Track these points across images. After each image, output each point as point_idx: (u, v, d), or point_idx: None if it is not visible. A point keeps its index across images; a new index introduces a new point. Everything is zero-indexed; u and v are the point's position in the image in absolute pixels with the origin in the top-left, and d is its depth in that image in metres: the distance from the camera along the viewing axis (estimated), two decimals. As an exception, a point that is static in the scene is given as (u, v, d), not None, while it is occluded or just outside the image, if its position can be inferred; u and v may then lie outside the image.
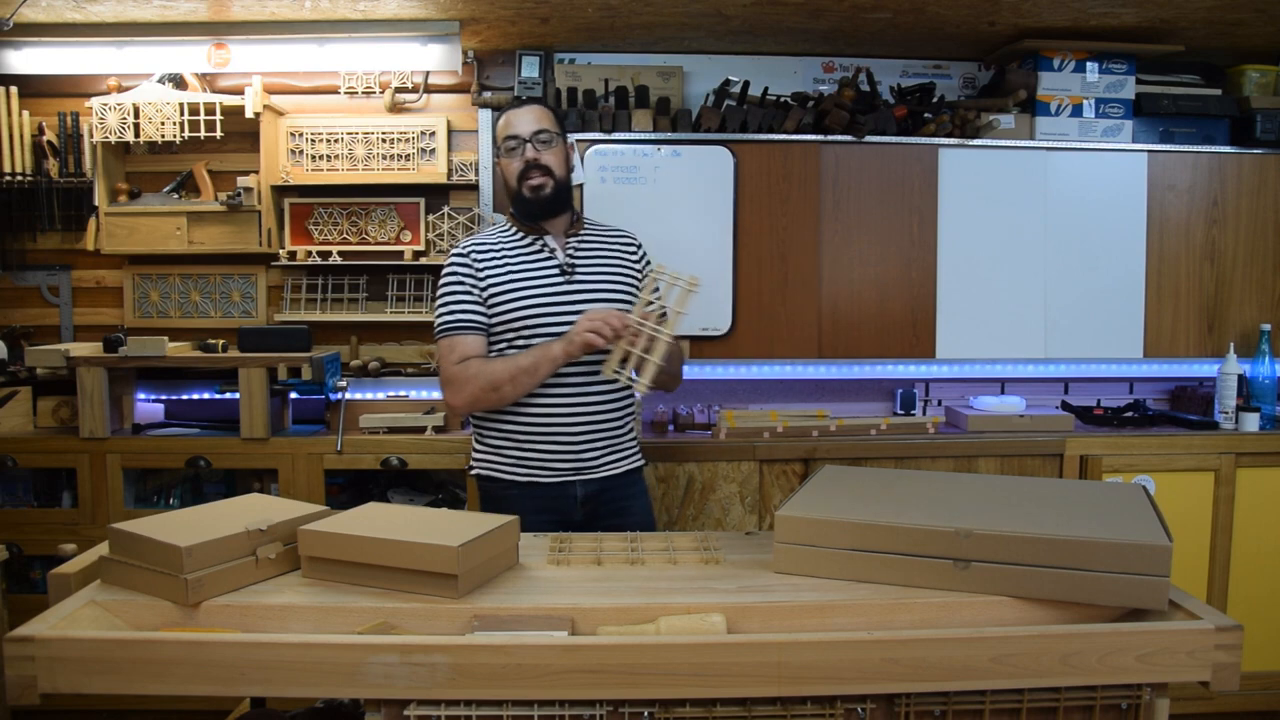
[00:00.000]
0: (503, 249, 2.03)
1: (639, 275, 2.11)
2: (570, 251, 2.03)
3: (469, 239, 2.09)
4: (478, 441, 2.07)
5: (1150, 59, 3.07)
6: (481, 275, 2.00)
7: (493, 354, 2.00)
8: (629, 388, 1.92)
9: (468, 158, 3.17)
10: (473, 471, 2.09)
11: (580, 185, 2.87)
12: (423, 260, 3.12)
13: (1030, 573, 1.37)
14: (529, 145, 1.99)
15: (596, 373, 1.92)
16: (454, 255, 2.04)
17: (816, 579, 1.46)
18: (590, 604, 1.36)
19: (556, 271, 2.01)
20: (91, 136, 3.01)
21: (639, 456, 2.14)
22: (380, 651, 1.19)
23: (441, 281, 2.03)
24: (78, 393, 2.77)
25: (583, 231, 2.09)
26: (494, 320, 1.99)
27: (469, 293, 1.99)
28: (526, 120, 2.01)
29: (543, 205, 2.01)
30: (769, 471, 2.77)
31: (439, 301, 2.02)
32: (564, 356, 1.89)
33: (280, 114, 3.11)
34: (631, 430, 2.12)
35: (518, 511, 1.96)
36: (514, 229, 2.07)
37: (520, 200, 2.02)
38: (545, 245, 2.03)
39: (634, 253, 2.14)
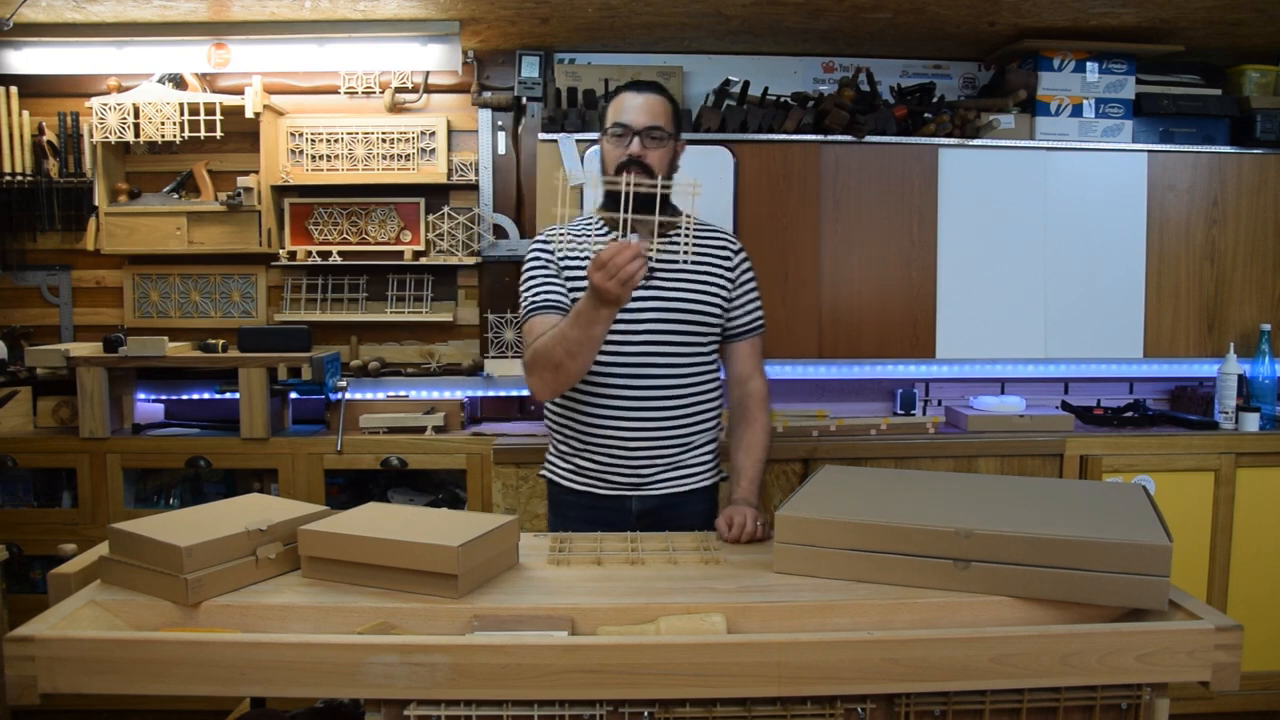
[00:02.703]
0: (584, 241, 1.92)
1: (731, 280, 1.96)
2: (654, 252, 1.85)
3: (550, 226, 1.97)
4: (551, 445, 2.05)
5: (1150, 59, 3.07)
6: (561, 262, 1.91)
7: None
8: (703, 405, 1.93)
9: (468, 158, 3.17)
10: (540, 472, 2.06)
11: (580, 185, 2.86)
12: (423, 260, 3.12)
13: (1030, 573, 1.37)
14: (637, 139, 1.84)
15: (660, 388, 1.88)
16: (535, 242, 1.95)
17: (816, 579, 1.46)
18: (590, 604, 1.36)
19: None
20: (91, 136, 3.01)
21: (708, 476, 2.00)
22: (380, 651, 1.19)
23: (524, 269, 1.95)
24: (78, 393, 2.77)
25: (673, 232, 1.83)
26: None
27: (553, 277, 1.90)
28: (642, 112, 1.85)
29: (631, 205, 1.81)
30: (769, 471, 2.75)
31: (522, 289, 1.93)
32: (590, 308, 1.65)
33: (280, 114, 3.11)
34: (705, 448, 1.98)
35: (575, 518, 1.95)
36: (599, 221, 1.94)
37: (611, 193, 1.82)
38: None
39: (728, 258, 1.97)
